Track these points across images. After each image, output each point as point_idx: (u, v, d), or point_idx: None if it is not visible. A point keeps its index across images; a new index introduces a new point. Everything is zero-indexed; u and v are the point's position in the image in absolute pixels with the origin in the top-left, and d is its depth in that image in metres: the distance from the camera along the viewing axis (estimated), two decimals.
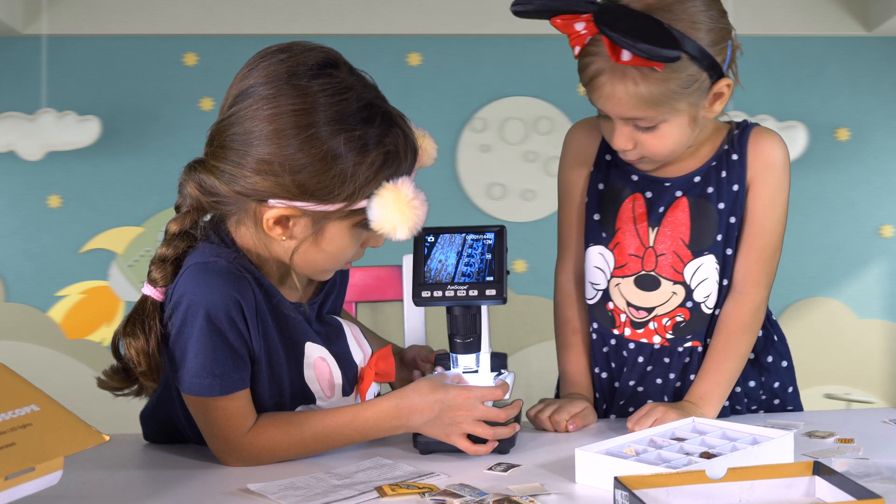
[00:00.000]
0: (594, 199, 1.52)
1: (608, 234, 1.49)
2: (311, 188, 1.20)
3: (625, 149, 1.40)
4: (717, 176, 1.46)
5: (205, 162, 1.25)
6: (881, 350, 3.69)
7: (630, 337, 1.49)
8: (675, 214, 1.46)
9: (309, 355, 1.31)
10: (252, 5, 3.57)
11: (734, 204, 1.45)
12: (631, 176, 1.49)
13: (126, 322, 1.25)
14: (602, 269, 1.50)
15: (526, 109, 3.61)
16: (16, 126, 3.31)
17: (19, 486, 0.91)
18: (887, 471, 1.12)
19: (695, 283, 1.45)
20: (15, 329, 3.56)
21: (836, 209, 3.68)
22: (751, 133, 1.47)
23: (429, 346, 1.56)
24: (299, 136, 1.19)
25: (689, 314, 1.46)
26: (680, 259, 1.45)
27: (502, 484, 1.14)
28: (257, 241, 1.27)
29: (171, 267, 1.25)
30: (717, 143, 1.47)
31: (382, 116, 1.23)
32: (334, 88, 1.21)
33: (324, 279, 1.36)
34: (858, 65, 3.68)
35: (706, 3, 1.36)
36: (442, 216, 3.74)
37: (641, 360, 1.49)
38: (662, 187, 1.47)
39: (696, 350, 1.47)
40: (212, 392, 1.22)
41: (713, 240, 1.45)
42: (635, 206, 1.48)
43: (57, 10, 3.53)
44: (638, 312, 1.48)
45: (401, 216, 1.21)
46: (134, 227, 3.59)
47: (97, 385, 1.26)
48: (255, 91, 1.21)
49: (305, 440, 1.26)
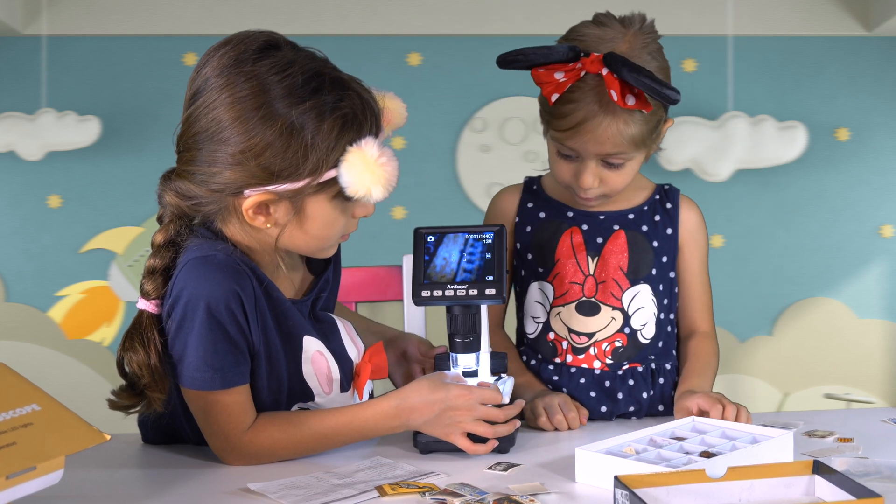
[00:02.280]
0: (525, 242, 1.59)
1: (546, 268, 1.56)
2: (277, 168, 1.21)
3: (592, 186, 1.48)
4: (651, 218, 1.58)
5: (176, 168, 1.28)
6: (881, 350, 3.69)
7: (571, 363, 1.54)
8: (615, 244, 1.54)
9: (307, 349, 1.31)
10: (252, 5, 3.57)
11: (667, 246, 1.57)
12: (566, 213, 1.58)
13: (125, 338, 1.26)
14: (541, 303, 1.56)
15: (526, 109, 3.61)
16: (16, 126, 3.32)
17: (20, 485, 0.91)
18: (887, 470, 1.12)
19: (632, 310, 1.53)
20: (15, 329, 3.56)
21: (836, 209, 3.68)
22: (680, 196, 1.61)
23: (428, 340, 1.56)
24: (256, 117, 1.20)
25: (626, 340, 1.53)
26: (618, 286, 1.53)
27: (502, 483, 1.14)
28: (245, 234, 1.28)
29: (161, 278, 1.26)
30: (647, 193, 1.60)
31: (332, 83, 1.23)
32: (279, 66, 1.22)
33: (327, 256, 1.37)
34: (858, 65, 3.67)
35: (656, 45, 1.48)
36: (442, 216, 3.75)
37: (583, 382, 1.52)
38: (598, 220, 1.56)
39: (637, 370, 1.54)
40: (213, 386, 1.22)
41: (649, 271, 1.54)
42: (573, 238, 1.55)
43: (57, 10, 3.53)
44: (579, 338, 1.53)
45: (371, 176, 1.21)
46: (134, 227, 3.59)
47: (109, 406, 1.27)
48: (206, 86, 1.23)
49: (305, 439, 1.26)
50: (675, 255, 1.58)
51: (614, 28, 1.46)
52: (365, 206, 1.29)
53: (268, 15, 3.57)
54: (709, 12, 3.55)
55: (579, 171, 1.48)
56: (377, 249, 1.67)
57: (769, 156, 3.36)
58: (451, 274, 1.31)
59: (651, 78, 1.36)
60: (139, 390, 1.25)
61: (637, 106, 1.40)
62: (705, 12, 3.56)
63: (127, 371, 1.26)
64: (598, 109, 1.41)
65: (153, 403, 1.25)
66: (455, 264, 1.31)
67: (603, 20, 1.47)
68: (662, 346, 1.57)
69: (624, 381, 1.52)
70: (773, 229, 3.63)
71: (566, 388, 1.53)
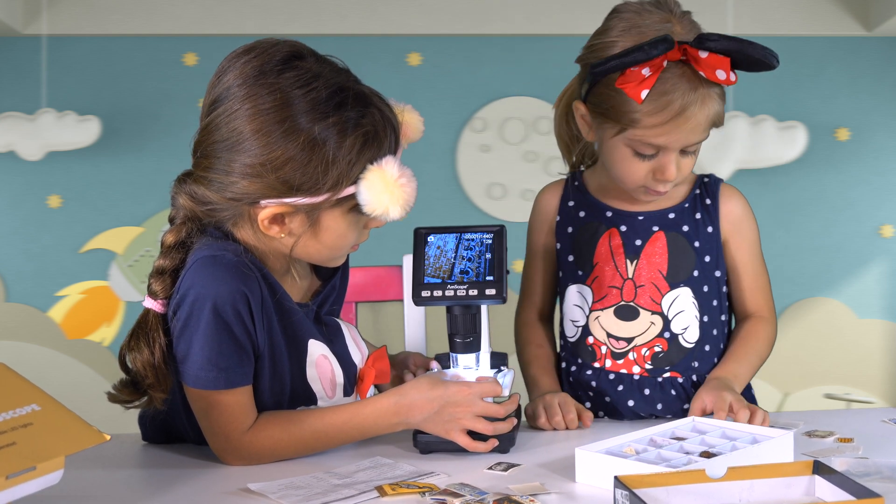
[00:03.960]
0: (566, 244, 1.57)
1: (585, 271, 1.54)
2: (296, 182, 1.21)
3: (675, 177, 1.44)
4: (692, 217, 1.53)
5: (192, 173, 1.27)
6: (881, 350, 3.69)
7: (610, 368, 1.52)
8: (654, 247, 1.51)
9: (312, 353, 1.31)
10: (252, 5, 3.57)
11: (709, 245, 1.53)
12: (605, 213, 1.55)
13: (130, 336, 1.26)
14: (580, 306, 1.54)
15: (526, 109, 3.61)
16: (16, 126, 3.32)
17: (20, 485, 0.91)
18: (887, 470, 1.12)
19: (672, 314, 1.50)
20: (15, 329, 3.56)
21: (836, 209, 3.68)
22: (721, 187, 1.57)
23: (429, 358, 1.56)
24: (278, 131, 1.20)
25: (667, 345, 1.50)
26: (658, 290, 1.50)
27: (502, 483, 1.14)
28: (258, 240, 1.28)
29: (170, 278, 1.26)
30: (688, 187, 1.55)
31: (355, 98, 1.23)
32: (303, 79, 1.21)
33: (336, 265, 1.37)
34: (858, 65, 3.68)
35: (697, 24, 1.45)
36: (442, 216, 3.74)
37: (621, 389, 1.51)
38: (637, 221, 1.53)
39: (677, 381, 1.51)
40: (216, 385, 1.22)
41: (689, 274, 1.51)
42: (612, 240, 1.53)
43: (57, 10, 3.53)
44: (618, 343, 1.51)
45: (390, 196, 1.21)
46: (134, 227, 3.59)
47: (108, 399, 1.27)
48: (228, 95, 1.22)
49: (305, 438, 1.26)
50: (720, 253, 1.54)
51: (657, 13, 1.42)
52: (377, 219, 1.29)
53: (268, 15, 3.57)
54: (709, 12, 3.54)
55: (661, 166, 1.43)
56: (377, 249, 1.67)
57: (769, 156, 3.36)
58: (451, 274, 1.31)
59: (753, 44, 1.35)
60: (141, 388, 1.25)
61: (727, 81, 1.37)
62: (705, 12, 3.54)
63: (129, 367, 1.26)
64: (693, 96, 1.38)
65: (154, 401, 1.25)
66: (455, 264, 1.31)
67: (638, 9, 1.43)
68: (709, 350, 1.53)
69: (664, 391, 1.50)
70: (773, 229, 3.63)
71: (607, 395, 1.51)
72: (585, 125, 1.50)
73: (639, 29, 1.41)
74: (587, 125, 1.49)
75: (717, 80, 1.37)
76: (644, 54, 1.34)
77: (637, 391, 1.50)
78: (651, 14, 1.42)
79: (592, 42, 1.48)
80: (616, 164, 1.47)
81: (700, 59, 1.36)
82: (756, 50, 1.36)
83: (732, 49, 1.35)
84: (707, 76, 1.37)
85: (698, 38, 1.36)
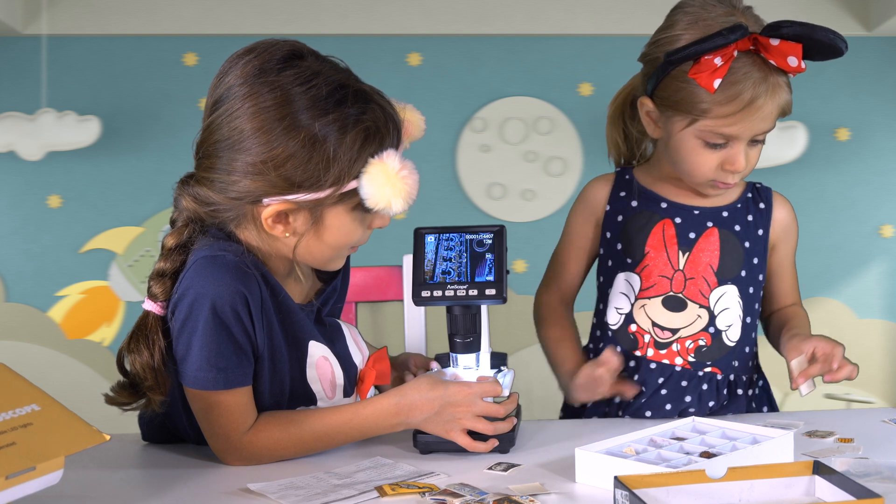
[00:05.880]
0: (615, 232, 1.58)
1: (635, 259, 1.54)
2: (298, 179, 1.21)
3: (745, 167, 1.46)
4: (744, 217, 1.56)
5: (195, 174, 1.27)
6: (881, 350, 3.69)
7: (652, 357, 1.52)
8: (707, 242, 1.52)
9: (312, 354, 1.31)
10: (252, 5, 3.57)
11: (758, 248, 1.55)
12: (660, 203, 1.55)
13: (129, 338, 1.26)
14: (626, 294, 1.54)
15: (526, 109, 3.61)
16: (16, 126, 3.31)
17: (20, 485, 0.91)
18: (887, 470, 1.12)
19: (718, 310, 1.51)
20: (15, 329, 3.56)
21: (836, 209, 3.68)
22: (773, 195, 1.61)
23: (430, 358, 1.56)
24: (279, 128, 1.20)
25: (710, 339, 1.50)
26: (707, 284, 1.51)
27: (502, 483, 1.14)
28: (261, 241, 1.28)
29: (171, 281, 1.26)
30: (740, 190, 1.58)
31: (355, 95, 1.24)
32: (303, 77, 1.22)
33: (335, 268, 1.37)
34: (858, 65, 3.67)
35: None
36: (442, 216, 3.74)
37: (661, 381, 1.51)
38: (692, 214, 1.54)
39: (716, 377, 1.51)
40: (215, 386, 1.22)
41: (737, 273, 1.52)
42: (665, 231, 1.53)
43: (57, 10, 3.53)
44: (663, 333, 1.51)
45: (392, 189, 1.22)
46: (134, 227, 3.58)
47: (105, 401, 1.27)
48: (229, 95, 1.23)
49: (305, 438, 1.26)
50: (765, 257, 1.57)
51: (721, 7, 1.43)
52: (382, 217, 1.30)
53: (268, 15, 3.56)
54: None
55: (730, 157, 1.45)
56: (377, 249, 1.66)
57: (769, 156, 3.35)
58: (451, 274, 1.31)
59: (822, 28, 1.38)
60: (140, 391, 1.25)
61: (798, 68, 1.39)
62: None
63: (128, 370, 1.26)
64: (763, 86, 1.40)
65: (152, 404, 1.25)
66: (455, 264, 1.31)
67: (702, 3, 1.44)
68: (748, 352, 1.54)
69: (699, 385, 1.50)
70: None
71: (644, 385, 1.51)
72: (651, 121, 1.51)
73: (704, 22, 1.42)
74: (652, 121, 1.50)
75: (789, 67, 1.38)
76: (723, 39, 1.36)
77: (674, 383, 1.50)
78: (715, 7, 1.43)
79: (657, 37, 1.48)
80: (686, 157, 1.47)
81: (771, 47, 1.38)
82: (825, 34, 1.38)
83: (804, 34, 1.37)
84: (778, 64, 1.38)
85: (770, 26, 1.38)
